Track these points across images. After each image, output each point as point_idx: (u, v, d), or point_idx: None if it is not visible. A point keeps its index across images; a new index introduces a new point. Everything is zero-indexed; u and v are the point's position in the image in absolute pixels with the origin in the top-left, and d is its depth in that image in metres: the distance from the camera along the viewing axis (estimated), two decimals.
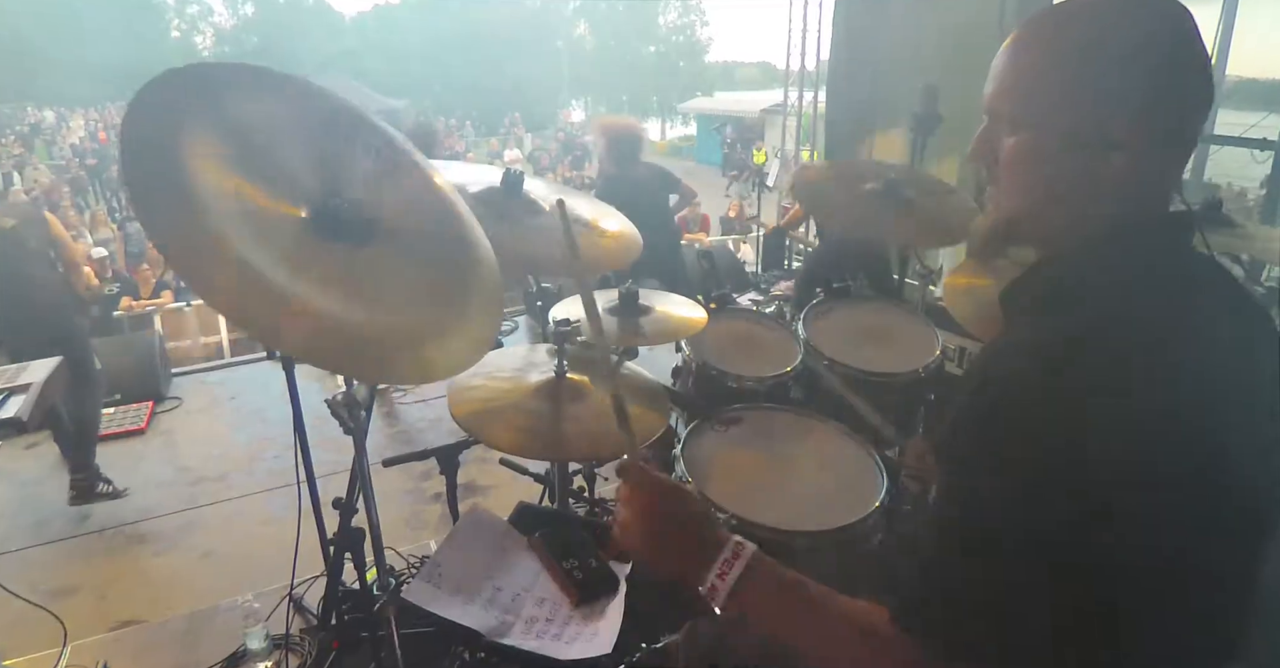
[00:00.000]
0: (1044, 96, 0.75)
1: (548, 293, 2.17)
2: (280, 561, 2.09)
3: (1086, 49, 0.73)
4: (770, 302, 5.45)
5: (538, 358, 1.82)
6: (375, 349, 1.08)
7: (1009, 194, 0.81)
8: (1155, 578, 0.65)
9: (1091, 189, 0.76)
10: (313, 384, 4.46)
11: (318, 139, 1.22)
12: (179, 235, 1.00)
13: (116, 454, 3.84)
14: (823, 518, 1.48)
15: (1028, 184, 0.79)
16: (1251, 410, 0.69)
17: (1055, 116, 0.75)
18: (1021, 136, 0.78)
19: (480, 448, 1.78)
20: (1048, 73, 0.75)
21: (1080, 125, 0.74)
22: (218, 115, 1.12)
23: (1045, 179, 0.78)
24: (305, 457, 1.89)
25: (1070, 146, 0.75)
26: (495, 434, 1.56)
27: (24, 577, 2.75)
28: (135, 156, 1.02)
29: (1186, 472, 0.64)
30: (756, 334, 2.25)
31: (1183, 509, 0.65)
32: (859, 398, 1.91)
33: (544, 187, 2.05)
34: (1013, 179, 0.80)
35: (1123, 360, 0.66)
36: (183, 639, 2.39)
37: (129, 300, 6.84)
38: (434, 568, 1.46)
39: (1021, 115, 0.77)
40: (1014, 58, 0.78)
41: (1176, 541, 0.65)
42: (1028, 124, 0.77)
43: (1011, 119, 0.78)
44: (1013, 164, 0.79)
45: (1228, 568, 0.70)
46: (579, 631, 1.39)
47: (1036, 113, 0.76)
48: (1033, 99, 0.76)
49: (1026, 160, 0.78)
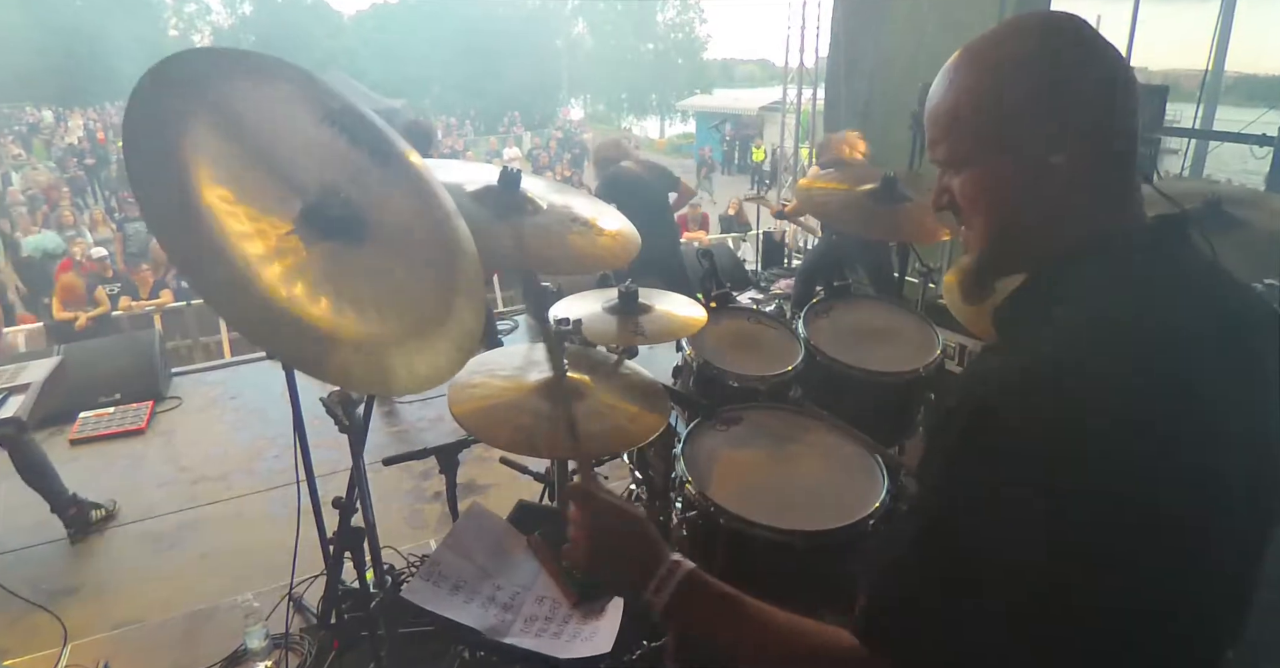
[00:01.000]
0: (972, 130, 0.78)
1: (547, 292, 2.17)
2: (280, 560, 2.09)
3: (994, 74, 0.77)
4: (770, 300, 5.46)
5: (537, 357, 1.81)
6: (363, 357, 1.08)
7: (979, 231, 0.83)
8: (1129, 607, 0.65)
9: (1054, 205, 0.77)
10: (313, 384, 4.45)
11: (314, 131, 1.22)
12: (178, 233, 1.01)
13: (116, 454, 3.85)
14: (823, 518, 1.48)
15: (989, 218, 0.81)
16: (1237, 422, 0.69)
17: (988, 145, 0.78)
18: (966, 174, 0.81)
19: (480, 447, 1.78)
20: (967, 107, 0.78)
21: (1013, 145, 0.77)
22: (217, 104, 1.12)
23: (1004, 208, 0.80)
24: (305, 456, 1.89)
25: (1013, 168, 0.77)
26: (495, 433, 1.56)
27: (24, 577, 2.75)
28: (137, 143, 1.02)
29: (1159, 496, 0.64)
30: (757, 333, 2.25)
31: (1157, 535, 0.64)
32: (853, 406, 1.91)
33: (543, 185, 2.05)
34: (974, 217, 0.82)
35: (1090, 380, 0.66)
36: (183, 639, 2.40)
37: (128, 300, 6.84)
38: (433, 567, 1.45)
39: (958, 153, 0.81)
40: (935, 102, 0.82)
41: (1152, 569, 0.65)
42: (967, 160, 0.80)
43: (949, 160, 0.82)
44: (969, 203, 0.82)
45: (1208, 590, 0.69)
46: (578, 629, 1.39)
47: (970, 148, 0.79)
48: (963, 136, 0.79)
49: (979, 195, 0.81)
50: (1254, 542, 0.74)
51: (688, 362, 2.11)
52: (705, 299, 2.27)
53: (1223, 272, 0.78)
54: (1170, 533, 0.65)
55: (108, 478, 3.56)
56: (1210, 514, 0.67)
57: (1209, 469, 0.66)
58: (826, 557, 1.48)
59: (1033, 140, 0.76)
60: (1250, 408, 0.70)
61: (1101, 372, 0.66)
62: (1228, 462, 0.67)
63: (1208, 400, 0.67)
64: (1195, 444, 0.66)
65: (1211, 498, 0.66)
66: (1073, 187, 0.76)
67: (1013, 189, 0.78)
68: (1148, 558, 0.64)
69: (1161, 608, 0.67)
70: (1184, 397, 0.66)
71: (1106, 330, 0.70)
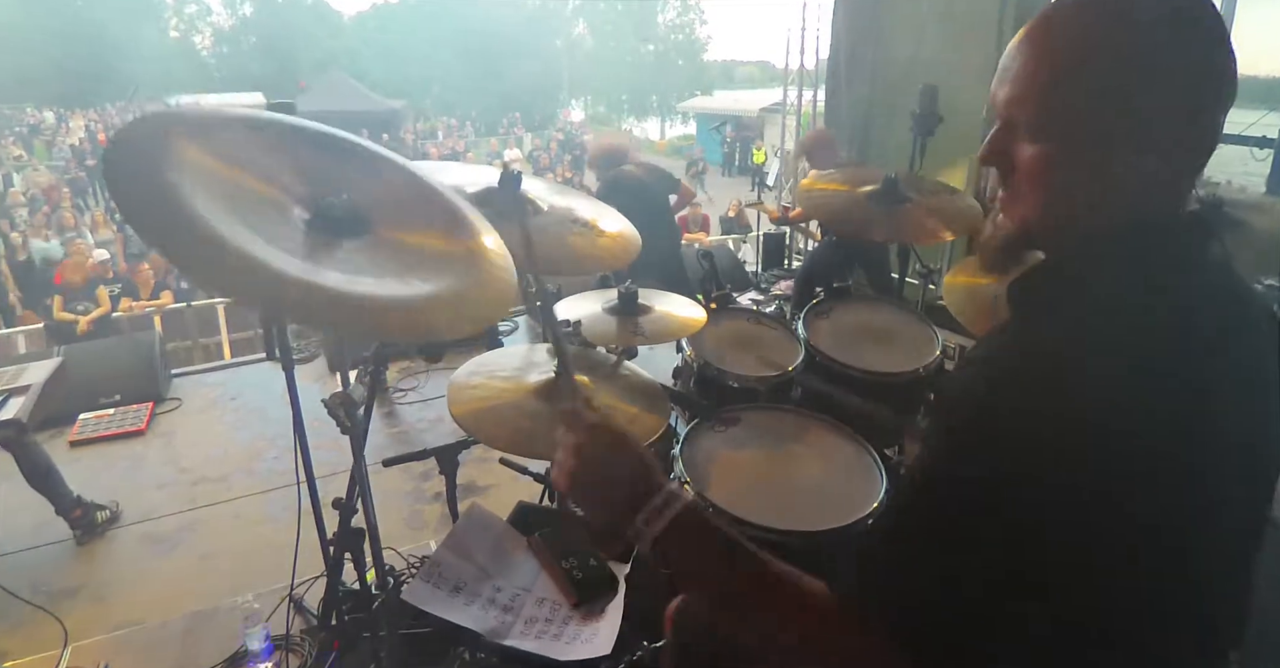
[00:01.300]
0: (1069, 105, 0.71)
1: (547, 293, 2.17)
2: (280, 561, 2.09)
3: (1111, 50, 0.69)
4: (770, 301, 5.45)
5: (538, 358, 1.81)
6: (427, 314, 1.15)
7: (1029, 204, 0.76)
8: (1127, 604, 0.65)
9: (1118, 195, 0.73)
10: (313, 385, 4.46)
11: (280, 156, 1.27)
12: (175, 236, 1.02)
13: (116, 455, 3.84)
14: (822, 518, 1.48)
15: (1052, 194, 0.75)
16: (1237, 422, 0.68)
17: (1082, 125, 0.71)
18: (1045, 147, 0.73)
19: (480, 448, 1.77)
20: (1072, 79, 0.70)
21: (1110, 134, 0.71)
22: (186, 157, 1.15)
23: (1072, 188, 0.74)
24: (305, 457, 1.89)
25: (1100, 155, 0.72)
26: (495, 434, 1.56)
27: (25, 579, 2.75)
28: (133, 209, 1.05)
29: (1158, 493, 0.64)
30: (757, 334, 2.25)
31: (1155, 533, 0.64)
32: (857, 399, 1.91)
33: (544, 186, 2.05)
34: (1035, 189, 0.76)
35: (1102, 371, 0.65)
36: (183, 640, 2.39)
37: (129, 301, 6.84)
38: (433, 568, 1.46)
39: (1044, 124, 0.73)
40: (1030, 62, 0.73)
41: (1149, 566, 0.65)
42: (1051, 134, 0.73)
43: (1031, 128, 0.74)
44: (1036, 174, 0.75)
45: (1206, 587, 0.69)
46: (578, 631, 1.39)
47: (1061, 122, 0.72)
48: (1056, 108, 0.72)
49: (1052, 171, 0.74)
50: (1253, 542, 0.74)
51: (687, 362, 2.11)
52: (705, 300, 2.27)
53: (1235, 273, 0.77)
54: (1168, 531, 0.65)
55: (108, 479, 3.56)
56: (1208, 513, 0.66)
57: (1208, 468, 0.66)
58: (824, 557, 1.48)
59: (1127, 132, 0.70)
60: (1250, 409, 0.70)
61: (1104, 366, 0.65)
62: (1226, 461, 0.67)
63: (1208, 400, 0.67)
64: (1194, 442, 0.66)
65: (1210, 496, 0.66)
66: (1141, 183, 0.72)
67: (1084, 174, 0.73)
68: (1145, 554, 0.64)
69: (1159, 605, 0.66)
70: (1185, 395, 0.66)
71: (1114, 324, 0.69)
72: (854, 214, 2.38)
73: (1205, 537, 0.67)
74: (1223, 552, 0.70)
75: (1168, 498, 0.64)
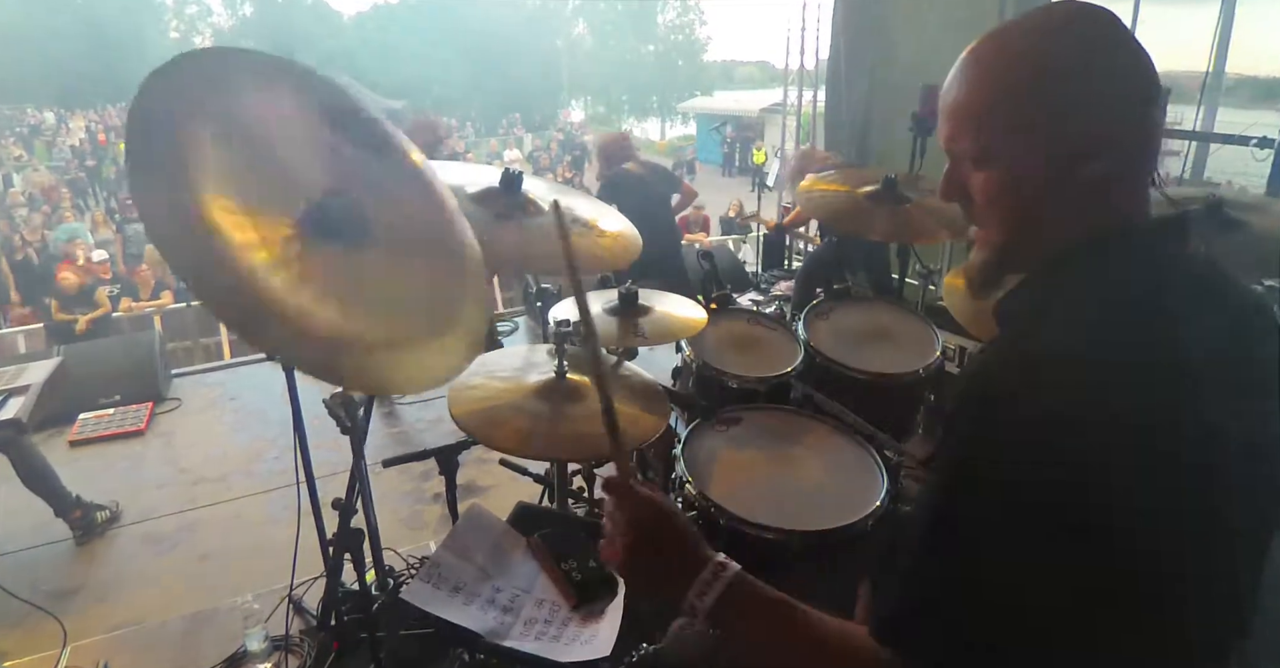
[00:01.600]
0: (1005, 127, 0.75)
1: (547, 293, 2.17)
2: (280, 561, 2.09)
3: (1034, 71, 0.73)
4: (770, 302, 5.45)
5: (537, 358, 1.81)
6: (368, 357, 1.08)
7: (994, 228, 0.80)
8: (1132, 604, 0.65)
9: (1074, 204, 0.75)
10: (313, 385, 4.45)
11: (316, 132, 1.22)
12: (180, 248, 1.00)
13: (116, 455, 3.84)
14: (822, 518, 1.48)
15: (1009, 216, 0.78)
16: (1236, 421, 0.68)
17: (1022, 144, 0.74)
18: (991, 171, 0.77)
19: (480, 448, 1.77)
20: (1003, 103, 0.74)
21: (1050, 147, 0.74)
22: (220, 112, 1.12)
23: (1025, 206, 0.77)
24: (305, 458, 1.89)
25: (1044, 170, 0.74)
26: (495, 435, 1.56)
27: (24, 579, 2.75)
28: (140, 151, 1.02)
29: (1159, 493, 0.64)
30: (757, 334, 2.25)
31: (1156, 534, 0.64)
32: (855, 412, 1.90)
33: (543, 186, 2.05)
34: (992, 214, 0.79)
35: (1084, 379, 0.65)
36: (182, 640, 2.39)
37: (129, 301, 6.84)
38: (433, 569, 1.45)
39: (984, 151, 0.77)
40: (960, 96, 0.77)
41: (1148, 564, 0.65)
42: (994, 157, 0.76)
43: (974, 157, 0.78)
44: (989, 200, 0.78)
45: (1209, 588, 0.69)
46: (578, 632, 1.39)
47: (1001, 145, 0.75)
48: (994, 132, 0.75)
49: (1003, 193, 0.77)
50: (1253, 543, 0.74)
51: (687, 363, 2.11)
52: (705, 301, 2.27)
53: (1222, 272, 0.78)
54: (1169, 532, 0.65)
55: (107, 479, 3.56)
56: (1209, 513, 0.66)
57: (1208, 467, 0.66)
58: (825, 557, 1.48)
59: (1065, 142, 0.73)
60: (1249, 407, 0.70)
61: (1101, 365, 0.66)
62: (1226, 460, 0.67)
63: (1207, 398, 0.67)
64: (1194, 441, 0.66)
65: (1210, 496, 0.66)
66: (1095, 188, 0.74)
67: (1038, 190, 0.75)
68: (1146, 556, 0.64)
69: (1164, 604, 0.66)
70: (1178, 396, 0.66)
71: (1106, 325, 0.69)
72: (854, 214, 2.38)
73: (1209, 539, 0.67)
74: (1228, 553, 0.70)
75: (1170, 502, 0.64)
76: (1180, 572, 0.66)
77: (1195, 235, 0.78)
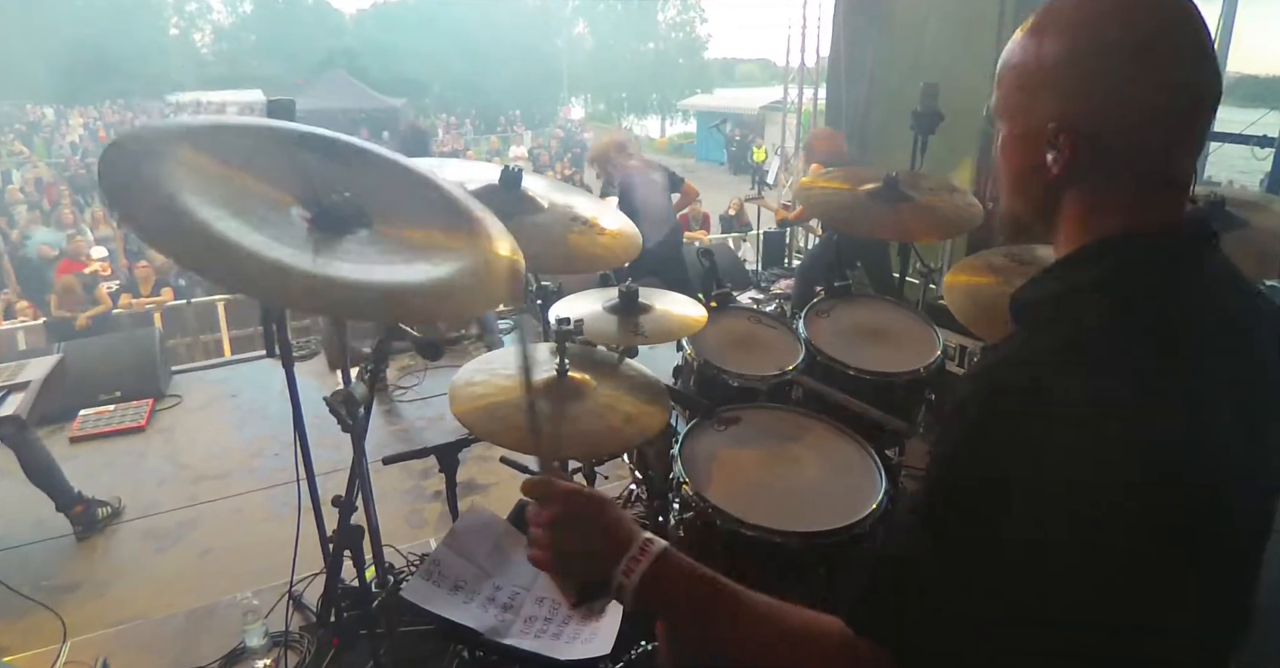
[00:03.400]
0: (1017, 86, 0.75)
1: (547, 291, 2.17)
2: (280, 558, 2.09)
3: (1074, 40, 0.71)
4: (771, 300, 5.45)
5: (538, 357, 1.81)
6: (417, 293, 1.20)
7: (1002, 185, 0.82)
8: (1131, 605, 0.65)
9: (1078, 191, 0.74)
10: (313, 382, 4.46)
11: (285, 160, 1.32)
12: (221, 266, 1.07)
13: (116, 452, 3.84)
14: (822, 518, 1.48)
15: (1005, 176, 0.80)
16: (1238, 420, 0.68)
17: (1025, 107, 0.75)
18: (1003, 126, 0.78)
19: (480, 446, 1.78)
20: (1021, 68, 0.75)
21: (1057, 119, 0.72)
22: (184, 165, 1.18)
23: (1016, 172, 0.78)
24: (305, 454, 1.89)
25: (1041, 140, 0.73)
26: (495, 432, 1.56)
27: (24, 574, 2.75)
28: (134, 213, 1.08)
29: (1161, 495, 0.63)
30: (757, 333, 2.25)
31: (1156, 536, 0.64)
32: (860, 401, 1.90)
33: (543, 184, 2.05)
34: (998, 170, 0.81)
35: (1098, 376, 0.65)
36: (182, 636, 2.40)
37: (129, 298, 6.83)
38: (433, 566, 1.46)
39: (1001, 104, 0.78)
40: (1006, 53, 0.78)
41: (1153, 569, 0.64)
42: (1003, 112, 0.78)
43: (998, 111, 0.79)
44: (1001, 156, 0.80)
45: (1210, 589, 0.68)
46: (578, 630, 1.39)
47: (1012, 106, 0.76)
48: (1008, 88, 0.76)
49: (1001, 149, 0.79)
50: (1254, 544, 0.74)
51: (688, 361, 2.11)
52: (706, 299, 2.27)
53: (1239, 275, 0.77)
54: (1170, 534, 0.65)
55: (108, 476, 3.56)
56: (1212, 515, 0.66)
57: (1212, 468, 0.66)
58: (823, 558, 1.48)
59: (1075, 119, 0.71)
60: (1252, 408, 0.70)
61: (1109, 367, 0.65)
62: (1229, 462, 0.67)
63: (1214, 408, 0.67)
64: (1198, 441, 0.65)
65: (1214, 499, 0.66)
66: (1109, 178, 0.72)
67: (1024, 163, 0.76)
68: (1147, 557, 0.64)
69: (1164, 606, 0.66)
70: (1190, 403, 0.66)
71: (1120, 326, 0.68)
72: (854, 212, 2.38)
73: (1213, 545, 0.67)
74: (1230, 559, 0.70)
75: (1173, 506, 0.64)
76: (1180, 572, 0.66)
77: (1214, 239, 0.76)
